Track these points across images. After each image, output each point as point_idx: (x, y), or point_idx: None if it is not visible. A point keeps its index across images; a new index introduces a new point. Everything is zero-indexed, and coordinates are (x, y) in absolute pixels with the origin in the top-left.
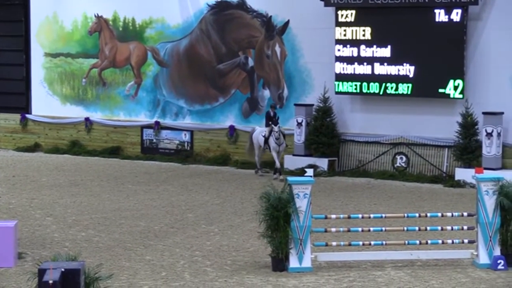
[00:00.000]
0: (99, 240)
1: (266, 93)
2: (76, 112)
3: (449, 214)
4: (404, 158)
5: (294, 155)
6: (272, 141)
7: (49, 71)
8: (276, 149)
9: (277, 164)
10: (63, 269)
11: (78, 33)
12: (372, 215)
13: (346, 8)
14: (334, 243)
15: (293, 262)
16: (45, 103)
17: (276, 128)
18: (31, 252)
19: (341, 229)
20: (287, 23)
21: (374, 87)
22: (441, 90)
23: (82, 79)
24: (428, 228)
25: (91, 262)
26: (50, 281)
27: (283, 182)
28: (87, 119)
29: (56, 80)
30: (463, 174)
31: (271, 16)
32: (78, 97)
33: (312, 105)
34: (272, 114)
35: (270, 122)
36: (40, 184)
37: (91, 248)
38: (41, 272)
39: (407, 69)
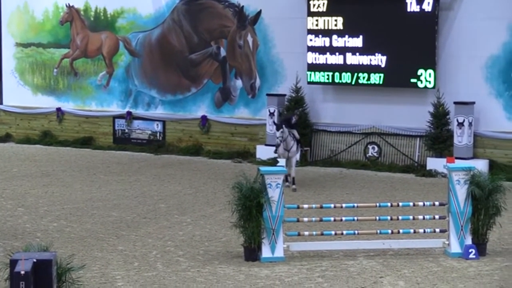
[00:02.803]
0: (71, 231)
1: (238, 83)
2: (48, 103)
3: (420, 203)
4: (376, 148)
5: (266, 145)
6: (281, 147)
7: (20, 61)
8: (285, 155)
9: (291, 172)
10: (35, 260)
11: (49, 23)
12: (344, 205)
13: None
14: (306, 233)
15: (266, 252)
16: (16, 93)
17: (278, 133)
18: (3, 243)
19: (314, 219)
20: (259, 13)
21: (346, 77)
22: (412, 80)
23: (53, 69)
24: (400, 217)
25: (63, 253)
26: (22, 272)
27: (294, 192)
28: (58, 109)
29: (27, 70)
30: (435, 163)
31: (243, 6)
32: (49, 87)
33: (284, 95)
34: (293, 121)
35: (283, 125)
36: (12, 174)
37: (63, 239)
38: (13, 263)
39: (379, 59)
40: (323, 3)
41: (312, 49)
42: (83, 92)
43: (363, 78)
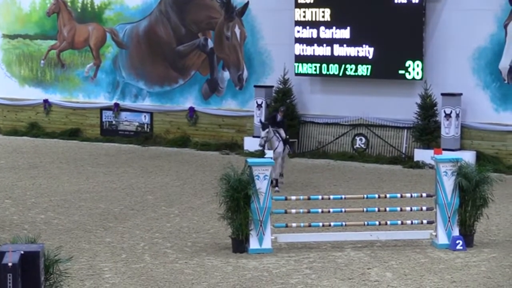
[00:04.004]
0: (58, 223)
1: (226, 74)
2: (35, 94)
3: (408, 195)
4: (364, 140)
5: (254, 136)
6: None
7: (7, 52)
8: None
9: (275, 174)
10: (22, 252)
11: (36, 14)
12: (331, 196)
13: None
14: (294, 225)
15: (253, 244)
16: (3, 85)
17: (263, 133)
18: None
19: (301, 210)
20: (246, 4)
21: (334, 69)
22: (400, 72)
23: (40, 60)
24: (388, 209)
25: (50, 245)
26: (10, 264)
27: (277, 194)
28: (45, 101)
29: (14, 62)
30: (422, 155)
31: None
32: (36, 79)
33: (272, 86)
34: (278, 118)
35: (268, 125)
36: None
37: (50, 231)
38: (0, 255)
39: (367, 51)
40: None
41: (300, 40)
42: (70, 83)
43: (351, 69)
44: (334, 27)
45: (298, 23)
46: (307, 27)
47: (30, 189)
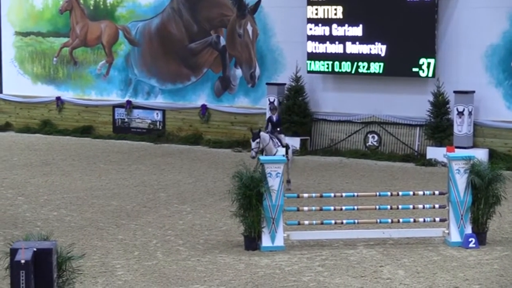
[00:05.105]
0: (71, 220)
1: (238, 72)
2: (47, 92)
3: (420, 192)
4: (376, 137)
5: (267, 132)
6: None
7: (20, 50)
8: (282, 152)
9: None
10: (35, 249)
11: (49, 11)
12: (344, 194)
13: None
14: (306, 222)
15: (266, 241)
16: (16, 82)
17: (253, 144)
18: (3, 232)
19: (314, 208)
20: (259, 2)
21: (346, 66)
22: (412, 69)
23: (53, 58)
24: (400, 206)
25: (63, 242)
26: (22, 261)
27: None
28: (58, 98)
29: (27, 59)
30: (435, 153)
31: None
32: (49, 76)
33: (284, 84)
34: (274, 119)
35: (259, 134)
36: (12, 163)
37: (63, 228)
38: (13, 252)
39: (379, 48)
40: None
41: (312, 38)
42: (83, 81)
43: (363, 67)
44: (346, 25)
45: (310, 20)
46: (320, 25)
47: (42, 186)
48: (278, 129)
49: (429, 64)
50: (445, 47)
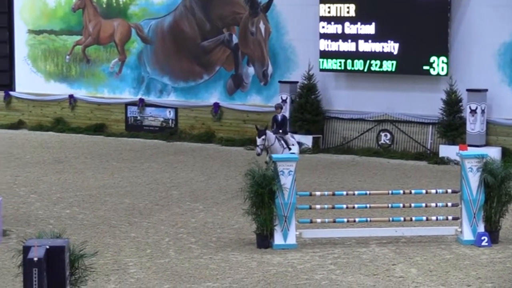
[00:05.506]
0: (83, 218)
1: (251, 70)
2: (60, 89)
3: (433, 191)
4: (389, 135)
5: None
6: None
7: (33, 48)
8: (295, 150)
9: None
10: (47, 247)
11: (61, 9)
12: (356, 192)
13: None
14: (318, 220)
15: (278, 239)
16: (29, 80)
17: (258, 141)
18: (16, 230)
19: (326, 206)
20: (271, 0)
21: (359, 64)
22: (425, 67)
23: (66, 56)
24: (413, 205)
25: (75, 240)
26: (35, 259)
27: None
28: (71, 96)
29: (40, 57)
30: (447, 151)
31: None
32: (62, 74)
33: (297, 82)
34: (279, 118)
35: (265, 131)
36: (24, 161)
37: (75, 226)
38: (26, 249)
39: (392, 46)
40: None
41: (325, 36)
42: (96, 79)
43: (376, 65)
44: (359, 23)
45: (323, 18)
46: (332, 23)
47: (55, 184)
48: (280, 130)
49: (442, 62)
50: (458, 45)
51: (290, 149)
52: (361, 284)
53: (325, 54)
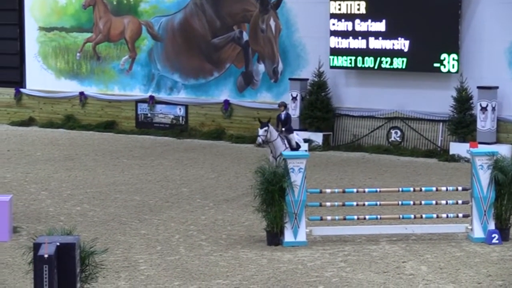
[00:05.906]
0: (94, 215)
1: (261, 67)
2: (71, 87)
3: (443, 188)
4: (399, 133)
5: None
6: (270, 156)
7: (44, 45)
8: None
9: None
10: (58, 243)
11: (72, 7)
12: (367, 190)
13: None
14: (329, 217)
15: (288, 236)
16: (40, 77)
17: (260, 131)
18: (26, 226)
19: (336, 203)
20: None
21: (369, 62)
22: (436, 65)
23: (76, 53)
24: (423, 202)
25: (86, 236)
26: (46, 255)
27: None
28: (81, 93)
29: (51, 54)
30: (458, 148)
31: None
32: (72, 71)
33: (307, 79)
34: (282, 116)
35: (268, 124)
36: (35, 158)
37: (86, 222)
38: (36, 246)
39: (402, 43)
40: None
41: (335, 33)
42: (106, 76)
43: (386, 62)
44: (369, 20)
45: (333, 15)
46: (342, 20)
47: (66, 181)
48: (283, 128)
49: (452, 59)
50: (469, 43)
51: (291, 149)
52: (371, 281)
53: (336, 51)
